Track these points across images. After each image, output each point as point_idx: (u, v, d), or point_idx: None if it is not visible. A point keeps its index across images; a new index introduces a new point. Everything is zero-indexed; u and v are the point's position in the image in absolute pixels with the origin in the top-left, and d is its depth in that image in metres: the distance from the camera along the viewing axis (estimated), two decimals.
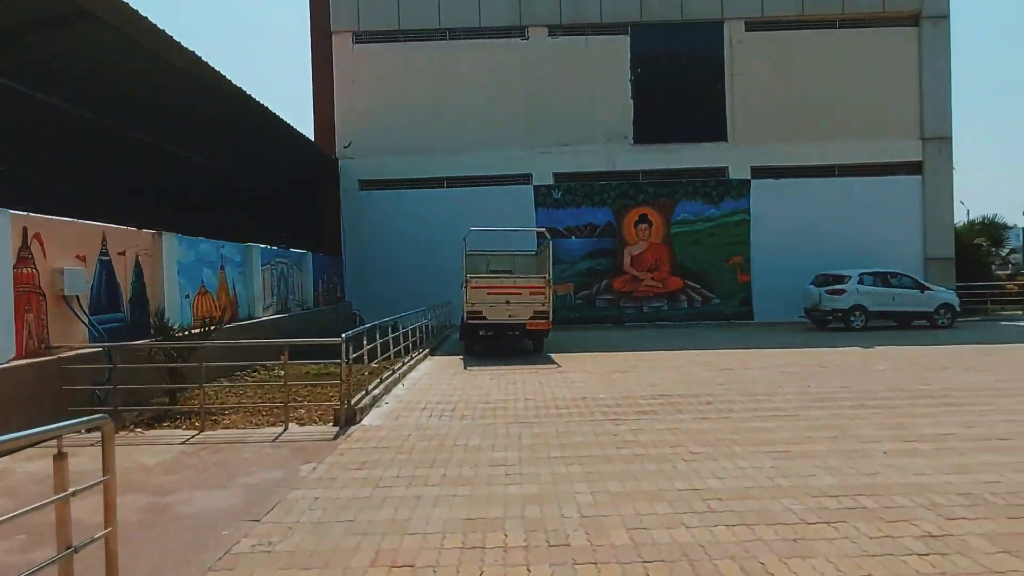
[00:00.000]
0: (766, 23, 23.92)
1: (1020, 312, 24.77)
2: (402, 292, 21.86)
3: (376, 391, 10.16)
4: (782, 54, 23.94)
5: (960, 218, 30.01)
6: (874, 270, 21.06)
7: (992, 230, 28.19)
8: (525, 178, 24.06)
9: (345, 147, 23.97)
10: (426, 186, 24.08)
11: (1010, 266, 29.88)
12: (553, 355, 15.68)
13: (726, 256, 23.84)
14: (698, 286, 23.85)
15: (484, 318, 15.15)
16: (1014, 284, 26.57)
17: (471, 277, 15.37)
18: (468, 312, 15.21)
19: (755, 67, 23.89)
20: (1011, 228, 31.80)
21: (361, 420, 8.70)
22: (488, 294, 15.14)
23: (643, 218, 23.82)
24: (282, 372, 9.38)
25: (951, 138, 24.03)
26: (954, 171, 24.10)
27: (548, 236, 16.08)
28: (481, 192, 23.86)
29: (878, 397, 9.66)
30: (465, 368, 13.76)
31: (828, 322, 21.19)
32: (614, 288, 23.83)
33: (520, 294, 15.15)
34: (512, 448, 7.17)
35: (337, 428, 8.30)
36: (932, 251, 23.99)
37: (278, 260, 16.93)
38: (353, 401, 9.01)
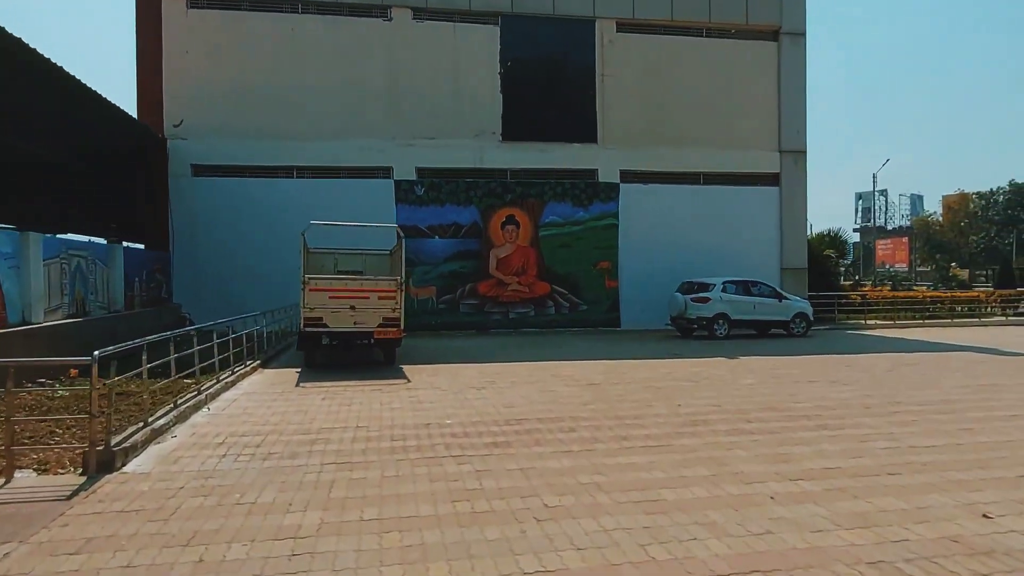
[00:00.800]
0: (637, 25, 23.51)
1: (863, 321, 26.00)
2: (244, 294, 19.30)
3: (162, 420, 7.98)
4: (652, 58, 23.63)
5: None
6: (736, 279, 21.07)
7: (837, 243, 29.62)
8: (385, 171, 22.14)
9: (175, 126, 20.92)
10: (272, 175, 21.53)
11: (855, 278, 31.64)
12: (406, 367, 13.96)
13: (594, 261, 23.15)
14: (565, 291, 22.98)
15: (325, 326, 13.15)
16: (857, 294, 27.97)
17: (310, 278, 13.32)
18: (306, 319, 13.14)
19: (626, 69, 23.41)
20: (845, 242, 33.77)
21: (124, 465, 6.56)
22: (330, 298, 13.17)
23: (510, 219, 22.62)
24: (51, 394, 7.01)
25: (806, 151, 24.77)
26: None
27: (402, 234, 14.30)
28: (335, 185, 21.67)
29: (752, 418, 8.78)
30: (297, 385, 11.72)
31: (693, 330, 20.94)
32: (479, 292, 22.44)
33: (368, 298, 13.29)
34: (315, 506, 5.40)
35: (85, 478, 6.15)
36: (788, 261, 24.59)
37: (72, 253, 13.96)
38: (119, 439, 6.85)
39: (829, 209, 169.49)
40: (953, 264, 77.28)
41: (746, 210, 24.11)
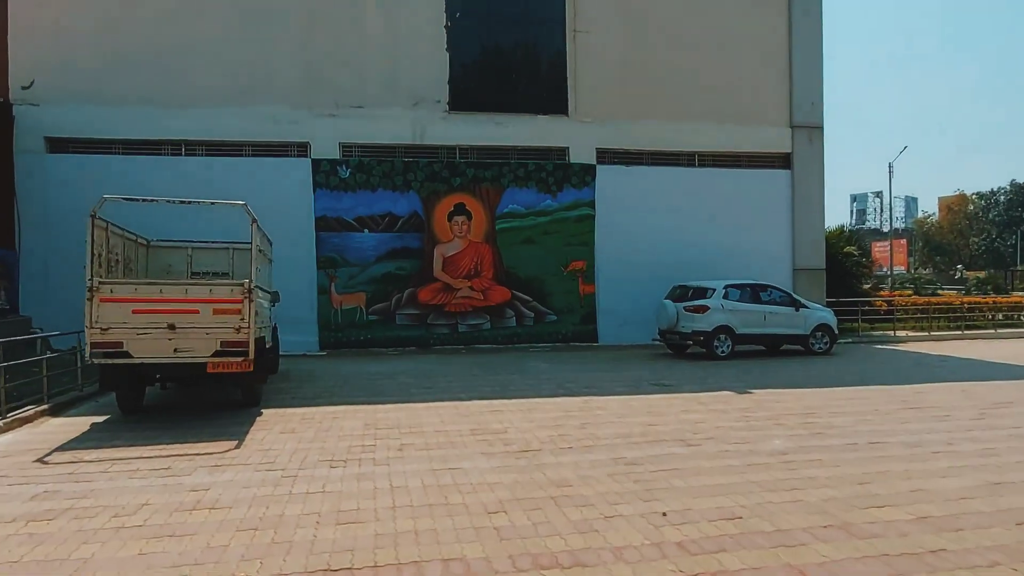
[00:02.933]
0: None
1: (891, 332, 21.65)
2: None
3: None
4: (636, 13, 19.24)
5: None
6: (741, 282, 16.68)
7: (860, 238, 25.21)
8: (300, 148, 17.65)
9: (24, 87, 16.36)
10: (153, 151, 16.99)
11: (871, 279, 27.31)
12: (270, 411, 9.54)
13: (565, 261, 18.70)
14: (529, 299, 18.51)
15: (127, 354, 8.63)
16: (881, 300, 23.62)
17: (101, 283, 8.82)
18: (96, 344, 8.59)
19: (603, 26, 19.01)
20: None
21: None
22: (135, 313, 8.64)
23: (460, 208, 18.15)
24: None
25: (822, 127, 20.44)
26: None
27: (253, 215, 9.71)
28: (236, 165, 17.17)
29: (809, 560, 4.34)
30: (45, 458, 7.22)
31: (687, 347, 16.53)
32: (420, 300, 17.95)
33: (196, 313, 8.76)
34: None
35: None
36: (801, 260, 20.22)
37: None
38: None
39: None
40: (959, 266, 73.37)
41: (751, 198, 19.74)
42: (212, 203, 10.74)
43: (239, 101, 17.13)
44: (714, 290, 15.96)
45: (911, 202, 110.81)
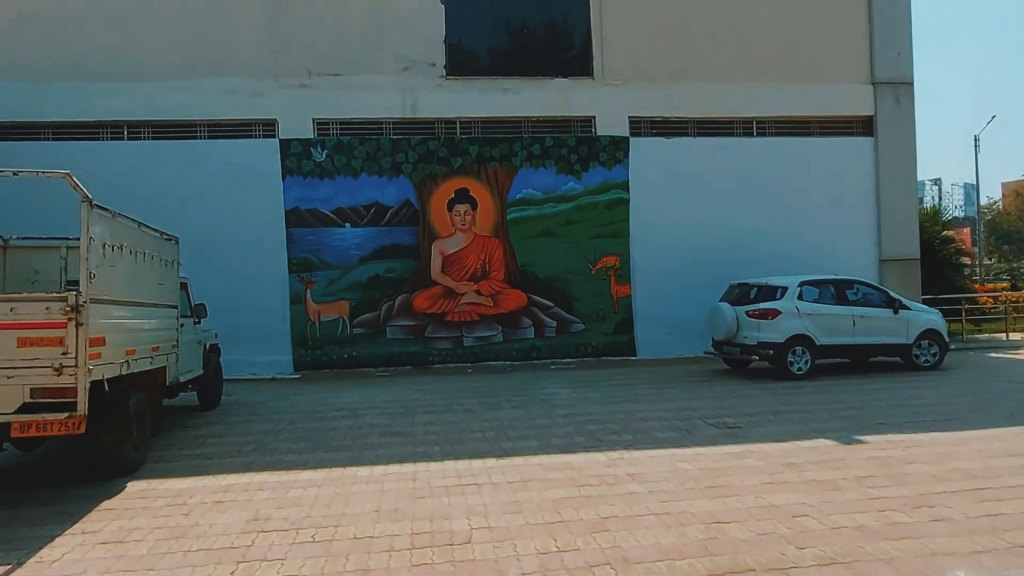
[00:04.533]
0: None
1: (1003, 335, 17.52)
2: None
3: None
4: None
5: None
6: (822, 277, 12.95)
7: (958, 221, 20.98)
8: (267, 127, 14.57)
9: None
10: (88, 134, 14.13)
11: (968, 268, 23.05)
12: (141, 485, 6.38)
13: (594, 256, 15.21)
14: (550, 304, 15.06)
15: None
16: (989, 296, 19.45)
17: None
18: None
19: None
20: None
21: None
22: None
23: (462, 195, 14.83)
24: None
25: (912, 83, 16.49)
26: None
27: (85, 192, 6.36)
28: (189, 149, 14.21)
29: None
30: None
31: (749, 362, 12.88)
32: (416, 308, 14.67)
33: None
34: None
35: None
36: (889, 248, 16.29)
37: None
38: None
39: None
40: None
41: (824, 172, 15.93)
42: (30, 173, 7.39)
43: (190, 72, 14.13)
44: (785, 289, 12.29)
45: (969, 189, 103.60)
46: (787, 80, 15.78)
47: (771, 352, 11.98)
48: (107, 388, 6.18)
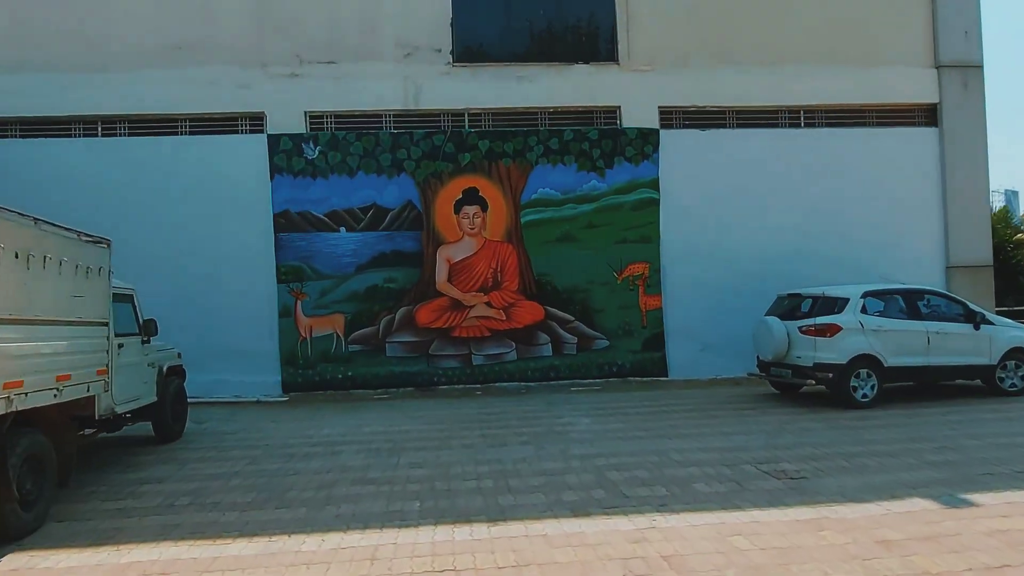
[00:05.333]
0: None
1: None
2: None
3: None
4: None
5: None
6: (889, 287, 11.07)
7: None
8: (254, 120, 13.14)
9: None
10: (61, 131, 12.84)
11: None
12: (20, 559, 4.80)
13: (619, 264, 13.46)
14: (571, 318, 13.34)
15: None
16: None
17: None
18: None
19: None
20: None
21: None
22: None
23: (471, 195, 13.23)
24: None
25: (982, 66, 14.52)
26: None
27: None
28: (168, 146, 12.85)
29: None
30: None
31: (801, 386, 11.00)
32: (419, 323, 13.06)
33: None
34: None
35: None
36: (958, 254, 14.26)
37: None
38: None
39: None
40: None
41: (882, 167, 14.01)
42: None
43: (170, 62, 12.78)
44: (846, 300, 10.42)
45: (1011, 196, 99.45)
46: (838, 64, 13.92)
47: (830, 375, 10.10)
48: None
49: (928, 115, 14.37)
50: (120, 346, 7.48)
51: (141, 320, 8.24)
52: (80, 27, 12.60)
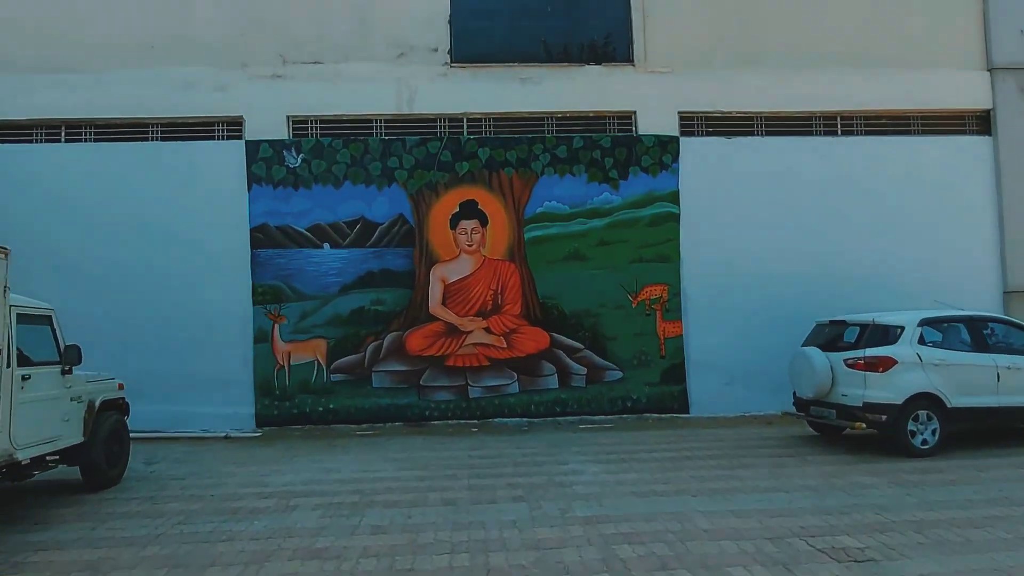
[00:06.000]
0: None
1: None
2: None
3: None
4: None
5: None
6: (946, 313, 9.52)
7: None
8: (231, 125, 11.98)
9: None
10: (21, 136, 11.75)
11: None
12: None
13: (634, 286, 12.04)
14: (580, 346, 11.90)
15: None
16: None
17: None
18: None
19: None
20: None
21: None
22: None
23: (469, 209, 11.92)
24: None
25: None
26: None
27: None
28: (137, 153, 11.70)
29: None
30: None
31: (844, 428, 9.42)
32: (410, 350, 11.69)
33: None
34: None
35: None
36: (1017, 278, 12.68)
37: None
38: None
39: None
40: None
41: (929, 180, 12.53)
42: None
43: (141, 61, 11.69)
44: (901, 329, 8.90)
45: None
46: (879, 66, 12.54)
47: (883, 418, 8.55)
48: None
49: (980, 122, 12.91)
50: (25, 378, 6.18)
51: (62, 346, 6.93)
52: (41, 24, 11.57)
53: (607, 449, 9.40)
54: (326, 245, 11.73)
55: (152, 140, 11.82)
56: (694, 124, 12.42)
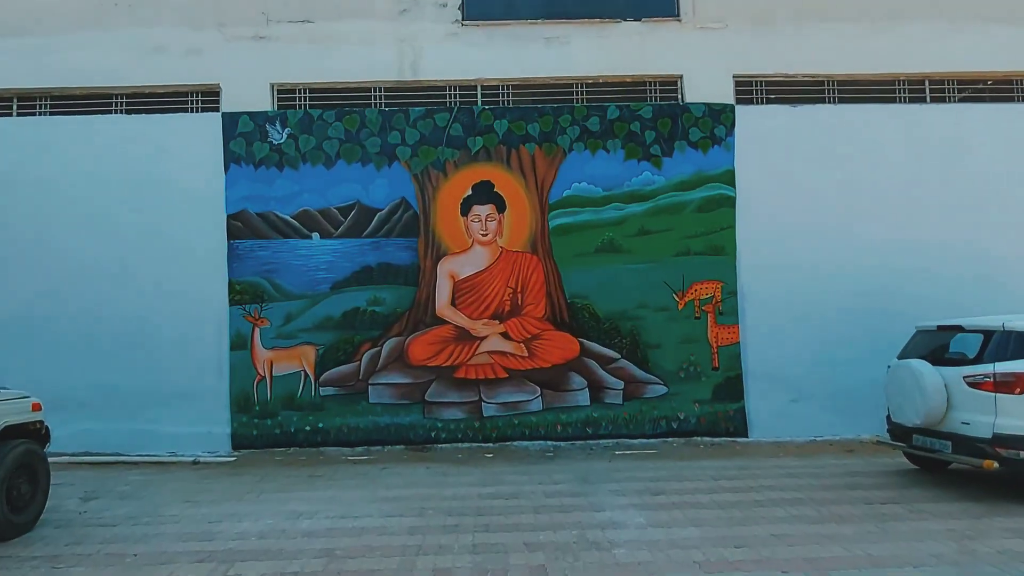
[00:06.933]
0: None
1: None
2: None
3: None
4: None
5: None
6: None
7: None
8: (207, 97, 10.29)
9: None
10: None
11: None
12: None
13: (681, 284, 10.06)
14: (616, 355, 9.96)
15: None
16: None
17: None
18: None
19: None
20: None
21: None
22: None
23: (484, 191, 10.07)
24: None
25: None
26: None
27: None
28: (98, 126, 10.04)
29: None
30: None
31: (949, 463, 7.35)
32: (412, 359, 9.87)
33: None
34: None
35: None
36: None
37: None
38: None
39: None
40: None
41: None
42: None
43: (102, 23, 10.06)
44: None
45: None
46: (977, 20, 10.41)
47: (1022, 454, 6.48)
48: None
49: None
50: None
51: None
52: None
53: (652, 487, 7.45)
54: (315, 235, 9.97)
55: (115, 113, 10.18)
56: (752, 90, 10.42)
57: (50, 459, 6.64)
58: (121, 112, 10.17)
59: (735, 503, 6.75)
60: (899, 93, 10.56)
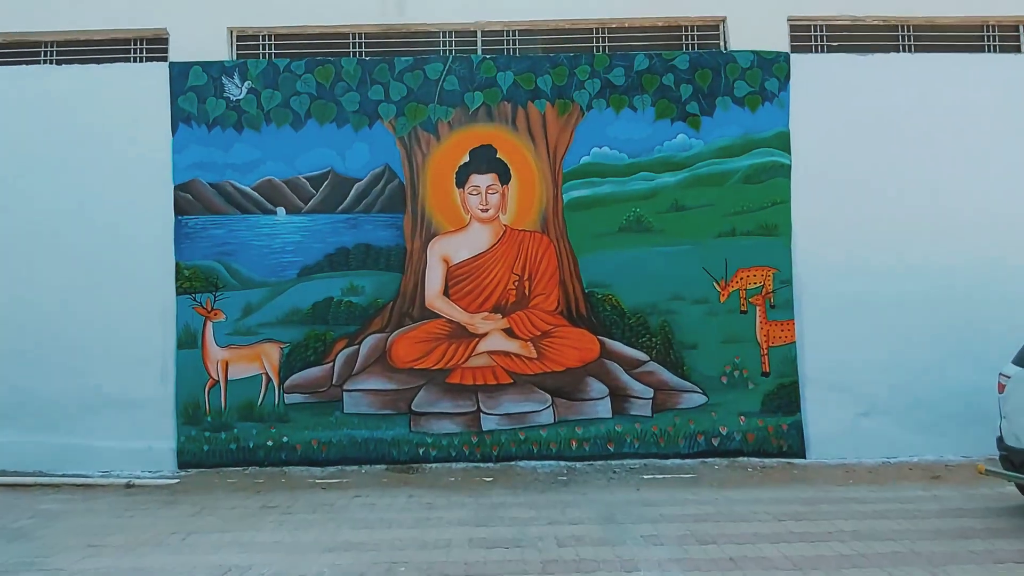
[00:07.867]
0: None
1: None
2: None
3: None
4: None
5: None
6: None
7: None
8: (152, 43, 8.65)
9: None
10: None
11: None
12: None
13: (723, 271, 8.28)
14: (645, 357, 8.20)
15: None
16: None
17: None
18: None
19: None
20: None
21: None
22: None
23: (484, 158, 8.35)
24: None
25: None
26: None
27: None
28: (28, 78, 8.40)
29: None
30: None
31: None
32: (396, 360, 8.17)
33: None
34: None
35: None
36: None
37: None
38: None
39: None
40: None
41: None
42: None
43: None
44: None
45: None
46: None
47: None
48: None
49: None
50: None
51: None
52: None
53: (697, 530, 5.69)
54: (281, 210, 8.28)
55: (44, 63, 8.54)
56: (811, 36, 8.63)
57: None
58: (51, 63, 8.53)
59: (811, 561, 4.98)
60: (989, 40, 8.72)
